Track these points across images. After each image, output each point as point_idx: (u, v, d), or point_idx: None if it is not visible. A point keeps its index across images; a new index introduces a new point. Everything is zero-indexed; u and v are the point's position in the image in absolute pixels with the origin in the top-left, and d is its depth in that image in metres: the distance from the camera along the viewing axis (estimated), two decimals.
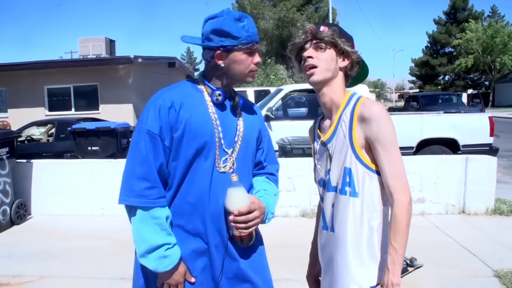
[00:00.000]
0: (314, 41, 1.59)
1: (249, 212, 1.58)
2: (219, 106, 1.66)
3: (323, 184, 1.67)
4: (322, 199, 1.71)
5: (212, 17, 1.60)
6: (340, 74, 1.62)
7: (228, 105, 1.68)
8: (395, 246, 1.47)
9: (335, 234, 1.61)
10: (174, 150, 1.58)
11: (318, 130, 1.72)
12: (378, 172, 1.53)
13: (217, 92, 1.64)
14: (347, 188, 1.55)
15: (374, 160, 1.53)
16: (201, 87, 1.68)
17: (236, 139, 1.67)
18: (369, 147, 1.53)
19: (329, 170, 1.62)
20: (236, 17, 1.58)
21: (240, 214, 1.57)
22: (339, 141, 1.57)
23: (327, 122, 1.67)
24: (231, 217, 1.58)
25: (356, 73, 1.66)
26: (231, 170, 1.64)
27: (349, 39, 1.62)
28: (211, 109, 1.64)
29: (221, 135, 1.62)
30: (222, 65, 1.61)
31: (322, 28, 1.59)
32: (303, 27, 1.62)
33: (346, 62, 1.61)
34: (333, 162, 1.60)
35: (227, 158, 1.64)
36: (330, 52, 1.58)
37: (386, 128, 1.49)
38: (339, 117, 1.59)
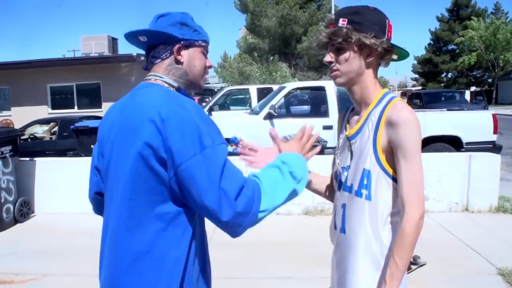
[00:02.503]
0: (332, 43, 1.50)
1: None
2: None
3: (339, 180, 1.63)
4: (337, 188, 1.68)
5: (163, 15, 1.45)
6: (369, 70, 1.52)
7: None
8: (397, 261, 1.40)
9: (346, 236, 1.57)
10: None
11: (346, 123, 1.66)
12: (394, 179, 1.46)
13: (196, 99, 1.52)
14: (364, 191, 1.49)
15: (393, 165, 1.46)
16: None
17: None
18: (392, 152, 1.45)
19: (348, 167, 1.56)
20: (190, 16, 1.48)
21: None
22: (363, 140, 1.51)
23: (356, 117, 1.61)
24: None
25: (389, 60, 1.55)
26: None
27: (374, 26, 1.47)
28: None
29: None
30: (182, 60, 1.43)
31: (340, 22, 1.47)
32: (326, 19, 1.53)
33: (372, 57, 1.50)
34: (353, 161, 1.54)
35: None
36: (351, 52, 1.48)
37: (412, 136, 1.41)
38: (367, 116, 1.53)
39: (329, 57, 1.52)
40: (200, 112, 1.30)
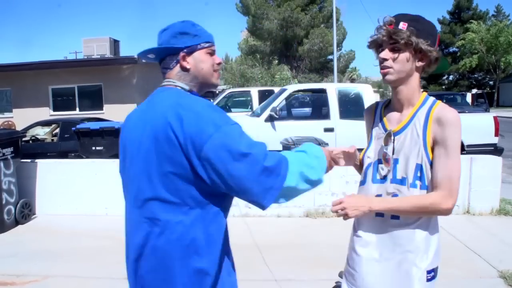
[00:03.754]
0: (391, 42, 1.60)
1: None
2: None
3: (373, 171, 1.74)
4: (362, 182, 1.80)
5: (166, 29, 1.58)
6: (417, 74, 1.66)
7: None
8: (400, 201, 1.62)
9: (400, 221, 1.67)
10: None
11: (383, 119, 1.78)
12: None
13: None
14: (418, 182, 1.63)
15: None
16: None
17: None
18: (433, 146, 1.62)
19: (396, 160, 1.67)
20: (191, 23, 1.58)
21: None
22: (412, 138, 1.64)
23: (395, 114, 1.73)
24: None
25: (433, 68, 1.70)
26: None
27: (429, 35, 1.62)
28: None
29: None
30: (189, 66, 1.54)
31: (401, 25, 1.58)
32: (384, 19, 1.62)
33: (423, 62, 1.64)
34: (401, 156, 1.66)
35: None
36: (407, 54, 1.61)
37: (456, 134, 1.58)
38: (413, 115, 1.67)
39: (386, 54, 1.62)
40: (211, 104, 1.45)
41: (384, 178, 1.71)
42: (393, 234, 1.68)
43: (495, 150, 7.59)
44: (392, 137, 1.69)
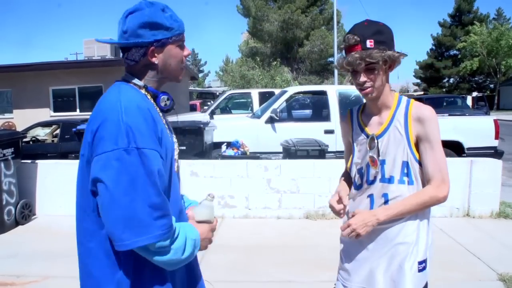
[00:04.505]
0: (365, 65, 1.67)
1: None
2: (162, 112, 1.49)
3: (367, 175, 1.82)
4: (358, 187, 1.86)
5: (132, 11, 1.40)
6: (387, 78, 1.77)
7: None
8: (402, 204, 1.71)
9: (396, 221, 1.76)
10: None
11: (362, 125, 1.86)
12: (420, 163, 1.74)
13: (165, 97, 1.46)
14: (405, 178, 1.74)
15: (419, 152, 1.74)
16: (143, 91, 1.45)
17: (176, 146, 1.53)
18: (417, 143, 1.73)
19: (383, 161, 1.76)
20: (161, 7, 1.42)
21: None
22: (395, 138, 1.74)
23: (374, 118, 1.83)
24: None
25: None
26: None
27: (392, 41, 1.72)
28: (162, 117, 1.47)
29: (175, 145, 1.51)
30: (157, 62, 1.42)
31: (368, 43, 1.65)
32: (348, 40, 1.68)
33: (392, 69, 1.76)
34: (388, 156, 1.75)
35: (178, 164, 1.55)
36: (380, 68, 1.69)
37: (436, 128, 1.71)
38: (392, 117, 1.77)
39: (364, 78, 1.70)
40: (134, 114, 1.30)
41: (374, 179, 1.79)
42: (384, 230, 1.76)
43: (495, 153, 7.58)
44: (376, 141, 1.77)
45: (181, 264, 1.36)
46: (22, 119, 14.19)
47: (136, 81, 1.45)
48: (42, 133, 10.58)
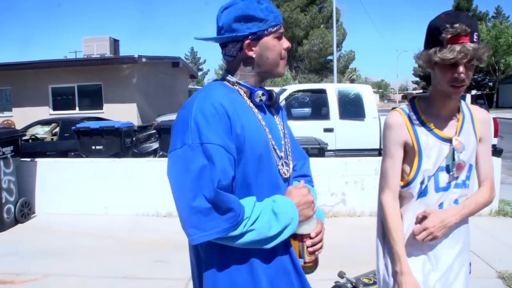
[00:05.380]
0: (469, 59, 1.50)
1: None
2: (260, 107, 1.44)
3: (435, 182, 1.66)
4: (424, 193, 1.67)
5: (227, 7, 1.38)
6: None
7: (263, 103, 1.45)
8: (467, 205, 1.66)
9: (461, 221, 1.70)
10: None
11: (432, 126, 1.65)
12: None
13: (260, 92, 1.40)
14: (467, 182, 1.69)
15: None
16: (236, 88, 1.42)
17: (282, 141, 1.48)
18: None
19: (452, 166, 1.64)
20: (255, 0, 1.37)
21: (317, 234, 1.44)
22: (469, 140, 1.65)
23: (443, 119, 1.66)
24: (308, 242, 1.42)
25: None
26: (289, 175, 1.48)
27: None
28: (257, 113, 1.41)
29: (273, 142, 1.42)
30: (254, 55, 1.38)
31: (475, 37, 1.49)
32: (458, 28, 1.46)
33: None
34: (464, 159, 1.65)
35: (283, 163, 1.45)
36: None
37: (491, 130, 1.73)
38: (463, 117, 1.67)
39: (464, 73, 1.52)
40: (204, 111, 1.27)
41: (447, 185, 1.66)
42: (453, 231, 1.69)
43: (495, 151, 7.59)
44: (461, 143, 1.62)
45: (273, 240, 1.30)
46: (21, 117, 14.17)
47: (229, 77, 1.42)
48: (41, 131, 10.58)
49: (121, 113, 14.32)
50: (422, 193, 1.67)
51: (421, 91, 50.80)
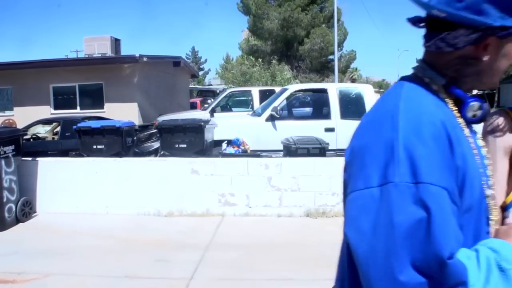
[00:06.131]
0: None
1: None
2: (470, 126, 1.03)
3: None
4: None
5: None
6: None
7: None
8: None
9: None
10: None
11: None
12: None
13: (476, 105, 1.00)
14: None
15: None
16: (442, 95, 0.98)
17: (489, 173, 1.03)
18: None
19: None
20: None
21: None
22: None
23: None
24: None
25: None
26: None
27: None
28: (468, 135, 1.00)
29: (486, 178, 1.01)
30: (486, 58, 0.95)
31: None
32: None
33: None
34: None
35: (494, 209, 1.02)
36: None
37: None
38: None
39: None
40: (421, 132, 0.86)
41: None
42: None
43: None
44: None
45: None
46: (22, 116, 14.18)
47: (433, 75, 0.99)
48: (42, 131, 10.59)
49: (122, 112, 14.31)
50: None
51: None
